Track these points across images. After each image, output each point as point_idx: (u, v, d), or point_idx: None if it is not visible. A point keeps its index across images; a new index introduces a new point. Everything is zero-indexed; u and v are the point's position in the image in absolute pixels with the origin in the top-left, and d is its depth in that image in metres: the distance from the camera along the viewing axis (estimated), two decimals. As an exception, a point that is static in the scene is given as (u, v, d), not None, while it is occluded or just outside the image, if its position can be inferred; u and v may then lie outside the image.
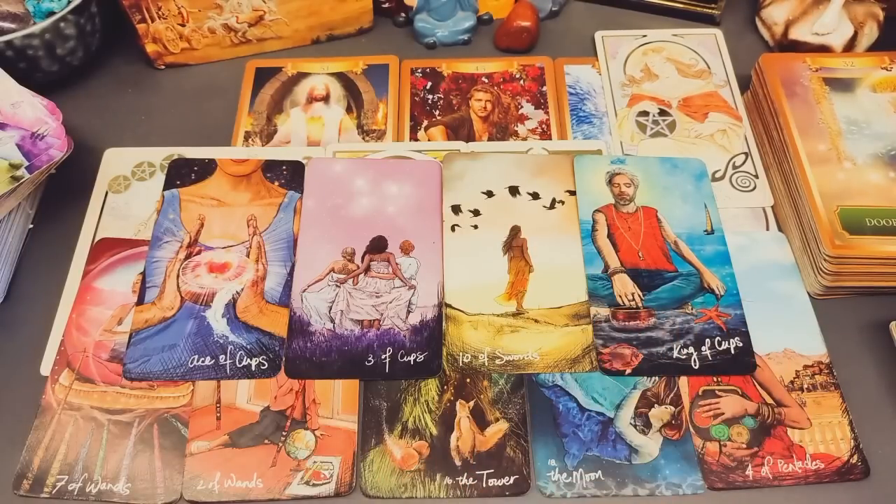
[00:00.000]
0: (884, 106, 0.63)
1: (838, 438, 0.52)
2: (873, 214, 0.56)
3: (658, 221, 0.61)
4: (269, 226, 0.60)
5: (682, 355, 0.54)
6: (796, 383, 0.54)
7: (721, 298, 0.56)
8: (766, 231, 0.62)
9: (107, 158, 0.65)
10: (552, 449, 0.51)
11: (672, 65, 0.73)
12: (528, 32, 0.74)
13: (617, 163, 0.64)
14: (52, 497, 0.49)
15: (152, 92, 0.72)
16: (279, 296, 0.56)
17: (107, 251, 0.59)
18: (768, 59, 0.66)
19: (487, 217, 0.61)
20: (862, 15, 0.72)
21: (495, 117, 0.70)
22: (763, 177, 0.65)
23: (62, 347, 0.54)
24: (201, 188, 0.62)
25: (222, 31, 0.72)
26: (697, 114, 0.69)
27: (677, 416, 0.52)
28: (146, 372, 0.53)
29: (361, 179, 0.63)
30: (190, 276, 0.57)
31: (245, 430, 0.51)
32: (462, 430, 0.52)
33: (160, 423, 0.52)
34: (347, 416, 0.52)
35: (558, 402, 0.53)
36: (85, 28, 0.67)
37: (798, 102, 0.63)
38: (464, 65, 0.74)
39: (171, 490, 0.49)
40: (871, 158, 0.60)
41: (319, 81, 0.72)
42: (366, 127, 0.69)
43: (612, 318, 0.55)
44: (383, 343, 0.54)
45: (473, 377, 0.54)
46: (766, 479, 0.50)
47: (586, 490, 0.49)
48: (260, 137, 0.68)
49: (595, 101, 0.71)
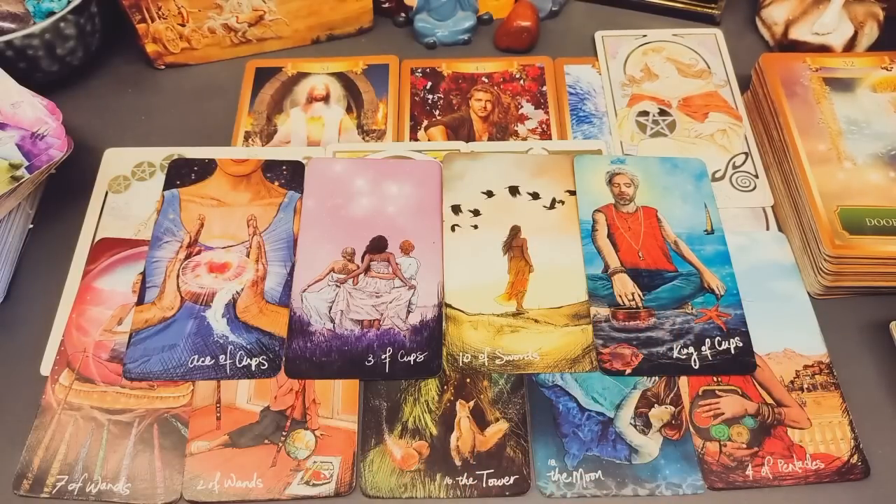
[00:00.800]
0: (884, 106, 0.63)
1: (838, 438, 0.52)
2: (873, 214, 0.56)
3: (658, 221, 0.61)
4: (269, 226, 0.60)
5: (682, 355, 0.54)
6: (796, 383, 0.54)
7: (721, 298, 0.56)
8: (766, 231, 0.62)
9: (107, 158, 0.65)
10: (552, 449, 0.51)
11: (672, 65, 0.73)
12: (528, 32, 0.74)
13: (617, 163, 0.64)
14: (52, 497, 0.49)
15: (152, 92, 0.72)
16: (279, 296, 0.56)
17: (107, 251, 0.59)
18: (768, 59, 0.66)
19: (487, 217, 0.61)
20: (862, 15, 0.72)
21: (495, 117, 0.70)
22: (763, 177, 0.65)
23: (62, 347, 0.54)
24: (201, 188, 0.62)
25: (222, 31, 0.72)
26: (697, 114, 0.69)
27: (677, 416, 0.52)
28: (146, 372, 0.53)
29: (361, 179, 0.63)
30: (190, 276, 0.57)
31: (245, 430, 0.51)
32: (462, 430, 0.52)
33: (160, 423, 0.52)
34: (347, 416, 0.52)
35: (558, 402, 0.53)
36: (85, 28, 0.67)
37: (798, 102, 0.63)
38: (464, 65, 0.74)
39: (171, 490, 0.49)
40: (871, 158, 0.60)
41: (319, 81, 0.72)
42: (366, 127, 0.69)
43: (612, 318, 0.55)
44: (383, 343, 0.54)
45: (473, 377, 0.54)
46: (766, 479, 0.50)
47: (586, 490, 0.49)
48: (260, 137, 0.68)
49: (595, 101, 0.71)
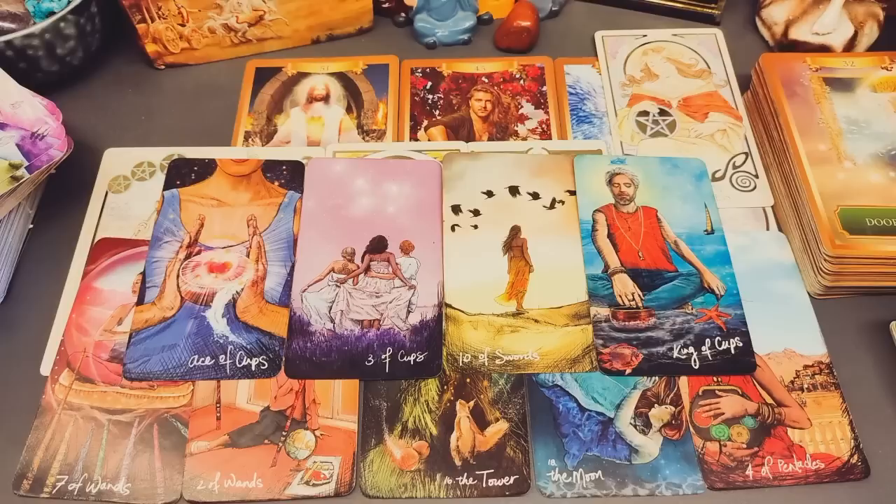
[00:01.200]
0: (884, 106, 0.63)
1: (838, 438, 0.52)
2: (873, 214, 0.56)
3: (658, 221, 0.61)
4: (269, 226, 0.60)
5: (682, 355, 0.54)
6: (796, 383, 0.54)
7: (721, 298, 0.56)
8: (766, 231, 0.62)
9: (107, 158, 0.65)
10: (552, 449, 0.51)
11: (672, 65, 0.73)
12: (528, 32, 0.74)
13: (617, 163, 0.64)
14: (52, 497, 0.49)
15: (152, 92, 0.72)
16: (279, 296, 0.56)
17: (107, 251, 0.59)
18: (768, 59, 0.66)
19: (487, 217, 0.61)
20: (862, 15, 0.72)
21: (495, 117, 0.70)
22: (763, 177, 0.65)
23: (62, 347, 0.54)
24: (201, 188, 0.62)
25: (222, 31, 0.72)
26: (697, 114, 0.69)
27: (677, 416, 0.52)
28: (146, 372, 0.53)
29: (361, 179, 0.63)
30: (190, 276, 0.57)
31: (245, 430, 0.51)
32: (462, 430, 0.52)
33: (160, 423, 0.52)
34: (347, 416, 0.52)
35: (558, 402, 0.53)
36: (85, 28, 0.67)
37: (798, 102, 0.63)
38: (464, 65, 0.74)
39: (171, 490, 0.49)
40: (871, 158, 0.60)
41: (319, 81, 0.72)
42: (366, 127, 0.69)
43: (612, 318, 0.55)
44: (383, 343, 0.54)
45: (473, 377, 0.54)
46: (766, 479, 0.50)
47: (586, 490, 0.49)
48: (260, 137, 0.68)
49: (595, 101, 0.71)
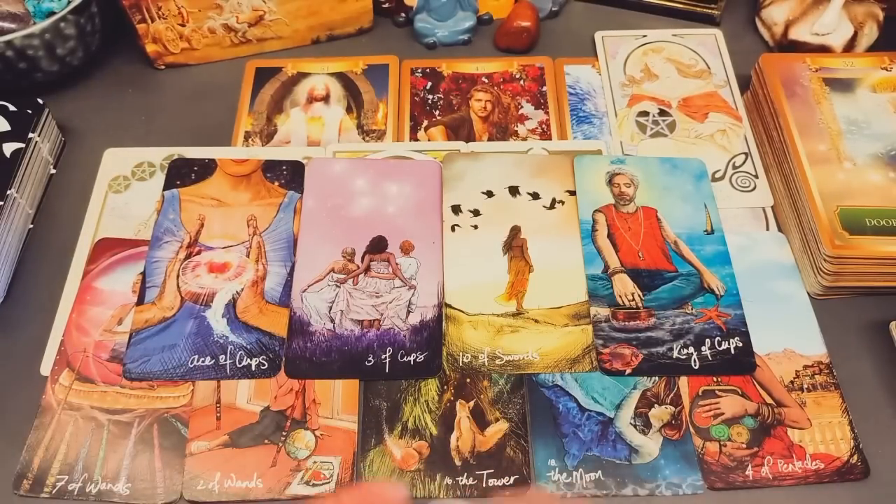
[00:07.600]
0: (884, 106, 0.63)
1: (838, 438, 0.52)
2: (873, 214, 0.56)
3: (658, 221, 0.61)
4: (269, 226, 0.60)
5: (682, 355, 0.54)
6: (796, 383, 0.54)
7: (721, 298, 0.56)
8: (766, 231, 0.62)
9: (107, 158, 0.65)
10: (552, 449, 0.51)
11: (672, 65, 0.73)
12: (528, 32, 0.74)
13: (617, 163, 0.64)
14: (52, 497, 0.49)
15: (152, 92, 0.72)
16: (279, 296, 0.56)
17: (107, 251, 0.59)
18: (768, 60, 0.66)
19: (487, 217, 0.61)
20: (862, 15, 0.72)
21: (495, 117, 0.70)
22: (763, 177, 0.65)
23: (62, 347, 0.54)
24: (201, 188, 0.62)
25: (222, 31, 0.72)
26: (697, 114, 0.69)
27: (677, 416, 0.52)
28: (146, 372, 0.53)
29: (361, 179, 0.63)
30: (190, 276, 0.57)
31: (245, 430, 0.51)
32: (462, 430, 0.52)
33: (160, 423, 0.52)
34: (347, 416, 0.52)
35: (558, 402, 0.53)
36: (85, 28, 0.67)
37: (798, 102, 0.63)
38: (464, 65, 0.74)
39: (171, 490, 0.49)
40: (871, 158, 0.60)
41: (319, 81, 0.72)
42: (366, 127, 0.69)
43: (612, 318, 0.55)
44: (383, 343, 0.54)
45: (473, 377, 0.54)
46: (766, 479, 0.50)
47: (586, 490, 0.49)
48: (260, 137, 0.68)
49: (595, 101, 0.71)
